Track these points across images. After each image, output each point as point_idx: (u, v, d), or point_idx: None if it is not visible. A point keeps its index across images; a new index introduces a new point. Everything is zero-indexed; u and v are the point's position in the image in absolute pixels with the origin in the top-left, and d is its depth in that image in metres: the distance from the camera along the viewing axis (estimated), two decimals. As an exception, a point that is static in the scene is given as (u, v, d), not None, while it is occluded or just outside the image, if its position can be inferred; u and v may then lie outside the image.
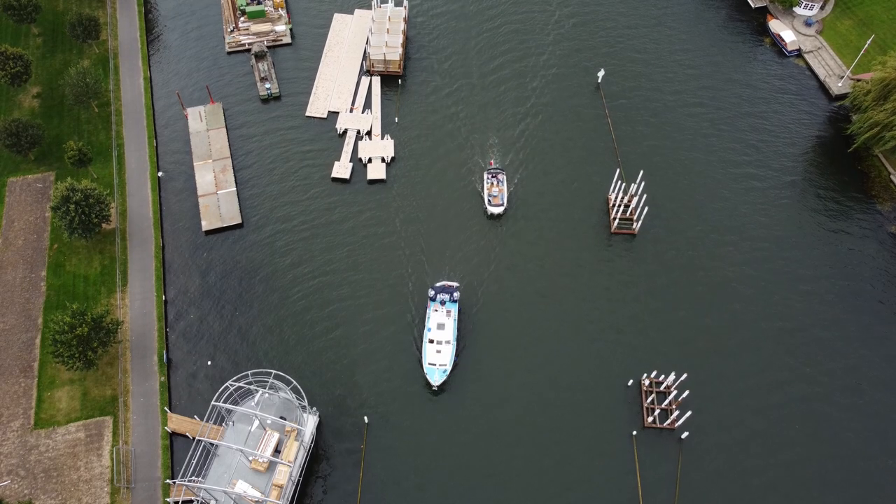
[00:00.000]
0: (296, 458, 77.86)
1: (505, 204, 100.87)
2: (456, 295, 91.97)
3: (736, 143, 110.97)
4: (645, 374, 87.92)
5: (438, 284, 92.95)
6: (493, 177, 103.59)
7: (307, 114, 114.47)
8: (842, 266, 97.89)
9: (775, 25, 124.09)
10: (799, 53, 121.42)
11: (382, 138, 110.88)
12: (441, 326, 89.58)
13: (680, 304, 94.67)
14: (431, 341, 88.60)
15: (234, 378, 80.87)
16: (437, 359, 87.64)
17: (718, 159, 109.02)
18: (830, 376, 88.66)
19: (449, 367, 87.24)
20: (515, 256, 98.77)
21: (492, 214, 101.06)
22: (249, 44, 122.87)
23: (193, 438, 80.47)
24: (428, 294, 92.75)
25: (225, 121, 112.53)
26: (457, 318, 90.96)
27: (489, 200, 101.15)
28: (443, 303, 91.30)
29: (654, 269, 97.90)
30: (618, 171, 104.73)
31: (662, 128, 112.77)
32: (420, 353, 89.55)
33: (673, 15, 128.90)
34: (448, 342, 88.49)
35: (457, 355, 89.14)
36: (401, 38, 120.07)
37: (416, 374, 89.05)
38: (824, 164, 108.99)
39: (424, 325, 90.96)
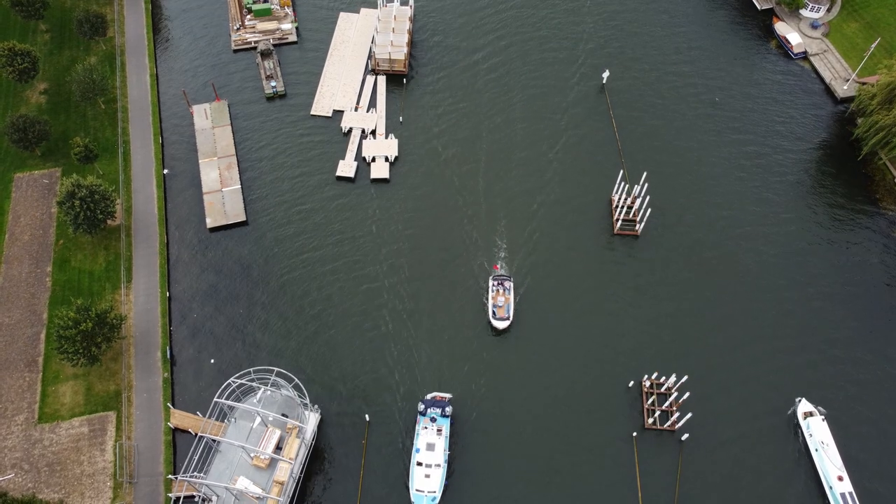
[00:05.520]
0: (297, 455, 78.33)
1: (511, 318, 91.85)
2: (448, 409, 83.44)
3: (740, 144, 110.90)
4: (646, 376, 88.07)
5: (429, 397, 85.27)
6: (499, 284, 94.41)
7: (312, 112, 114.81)
8: (846, 270, 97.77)
9: (781, 28, 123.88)
10: (805, 56, 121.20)
11: (387, 137, 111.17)
12: (431, 447, 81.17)
13: (681, 306, 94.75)
14: (420, 464, 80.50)
15: (237, 375, 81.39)
16: (426, 485, 79.36)
17: (722, 161, 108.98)
18: (834, 380, 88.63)
19: (438, 495, 79.31)
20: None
21: (496, 329, 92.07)
22: (255, 42, 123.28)
23: (196, 434, 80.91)
24: (417, 408, 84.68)
25: (230, 118, 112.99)
26: (448, 435, 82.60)
27: (493, 312, 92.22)
28: (433, 419, 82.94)
29: (656, 271, 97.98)
30: (621, 172, 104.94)
31: (666, 129, 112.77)
32: (407, 475, 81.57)
33: (678, 16, 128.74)
34: (438, 465, 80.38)
35: (447, 479, 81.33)
36: (406, 38, 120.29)
37: (416, 373, 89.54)
38: (829, 167, 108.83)
39: (413, 444, 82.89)
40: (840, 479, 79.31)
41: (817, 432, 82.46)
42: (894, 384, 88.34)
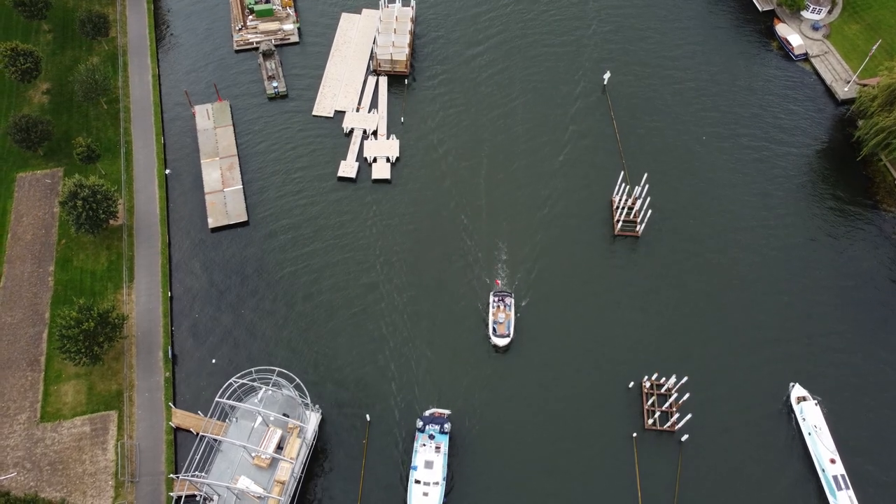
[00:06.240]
0: (298, 454, 78.61)
1: (511, 335, 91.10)
2: (447, 426, 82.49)
3: (741, 146, 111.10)
4: (646, 377, 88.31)
5: (427, 413, 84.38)
6: (500, 300, 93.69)
7: (314, 113, 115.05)
8: (846, 273, 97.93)
9: (782, 29, 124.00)
10: (806, 57, 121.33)
11: (388, 138, 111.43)
12: (429, 465, 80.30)
13: (681, 307, 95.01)
14: (418, 482, 79.52)
15: (238, 375, 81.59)
16: (424, 503, 79.37)
17: (723, 162, 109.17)
18: (834, 381, 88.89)
19: None
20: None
21: (496, 346, 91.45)
22: (257, 42, 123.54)
23: (197, 434, 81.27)
24: (416, 424, 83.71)
25: (232, 119, 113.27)
26: (447, 453, 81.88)
27: (494, 329, 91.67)
28: (431, 436, 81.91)
29: (656, 271, 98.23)
30: (622, 173, 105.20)
31: (667, 130, 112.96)
32: (405, 492, 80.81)
33: (679, 18, 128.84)
34: (437, 483, 79.44)
35: (446, 496, 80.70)
36: (408, 38, 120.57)
37: (418, 367, 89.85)
38: (830, 169, 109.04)
39: (410, 462, 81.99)
40: (832, 461, 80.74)
41: (810, 416, 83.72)
42: (887, 373, 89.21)
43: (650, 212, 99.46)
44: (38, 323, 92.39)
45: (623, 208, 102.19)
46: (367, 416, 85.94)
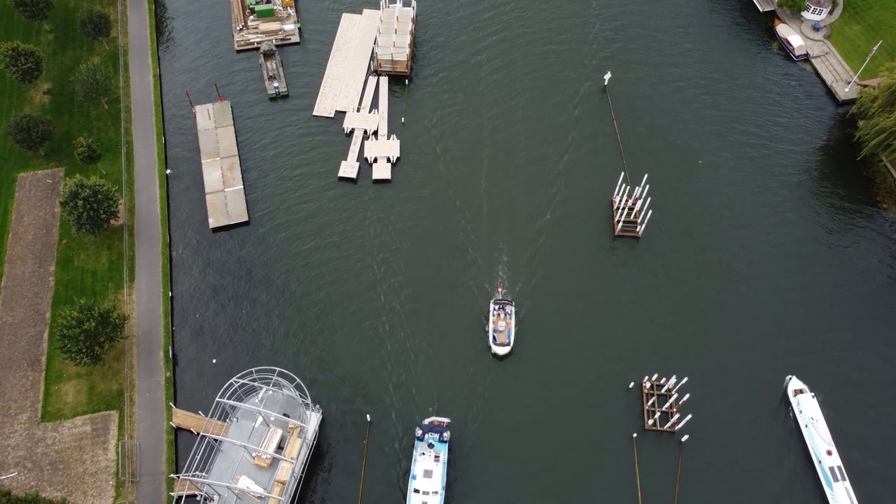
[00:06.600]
0: (298, 454, 78.74)
1: (511, 343, 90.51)
2: (446, 435, 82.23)
3: (741, 146, 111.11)
4: (646, 377, 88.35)
5: (427, 422, 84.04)
6: (500, 308, 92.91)
7: (314, 113, 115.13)
8: (845, 272, 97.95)
9: (783, 30, 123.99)
10: (806, 58, 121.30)
11: (389, 138, 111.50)
12: (428, 474, 80.00)
13: (682, 307, 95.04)
14: (417, 491, 79.36)
15: (239, 375, 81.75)
16: None
17: (723, 162, 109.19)
18: (833, 378, 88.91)
19: None
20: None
21: (496, 355, 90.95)
22: (258, 42, 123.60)
23: (198, 434, 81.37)
24: (415, 433, 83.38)
25: (233, 119, 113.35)
26: (446, 461, 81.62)
27: (494, 337, 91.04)
28: (431, 445, 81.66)
29: (657, 272, 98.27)
30: (622, 173, 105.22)
31: (668, 131, 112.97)
32: (405, 496, 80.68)
33: (679, 18, 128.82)
34: (436, 492, 79.24)
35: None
36: (408, 39, 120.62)
37: (418, 373, 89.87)
38: (830, 169, 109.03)
39: (410, 470, 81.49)
40: (829, 453, 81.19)
41: (807, 409, 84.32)
42: (886, 371, 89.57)
43: (650, 212, 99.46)
44: (38, 323, 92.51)
45: (623, 209, 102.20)
46: (368, 416, 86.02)
